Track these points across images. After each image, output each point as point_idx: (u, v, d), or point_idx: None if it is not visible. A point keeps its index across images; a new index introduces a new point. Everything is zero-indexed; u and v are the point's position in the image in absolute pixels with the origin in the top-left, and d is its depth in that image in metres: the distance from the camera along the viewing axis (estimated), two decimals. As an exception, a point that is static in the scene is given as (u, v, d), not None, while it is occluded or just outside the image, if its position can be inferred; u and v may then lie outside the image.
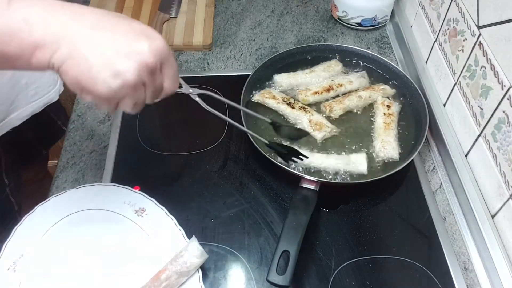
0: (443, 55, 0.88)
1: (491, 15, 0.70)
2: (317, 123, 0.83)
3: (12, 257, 0.67)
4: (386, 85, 0.92)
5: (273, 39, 1.09)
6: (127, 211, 0.71)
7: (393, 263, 0.71)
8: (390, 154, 0.80)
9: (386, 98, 0.89)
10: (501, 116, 0.68)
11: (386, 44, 1.08)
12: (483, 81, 0.73)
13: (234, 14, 1.15)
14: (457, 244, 0.75)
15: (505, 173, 0.68)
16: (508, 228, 0.68)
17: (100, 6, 1.11)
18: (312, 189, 0.73)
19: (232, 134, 0.88)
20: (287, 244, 0.65)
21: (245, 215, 0.76)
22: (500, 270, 0.67)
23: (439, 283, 0.69)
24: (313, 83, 0.92)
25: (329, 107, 0.86)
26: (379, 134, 0.84)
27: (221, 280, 0.69)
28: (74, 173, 0.82)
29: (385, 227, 0.76)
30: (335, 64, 0.95)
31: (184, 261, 0.64)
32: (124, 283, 0.66)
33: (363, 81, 0.93)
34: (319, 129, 0.83)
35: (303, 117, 0.84)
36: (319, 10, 1.16)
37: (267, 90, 0.89)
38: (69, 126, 0.90)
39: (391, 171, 0.75)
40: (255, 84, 0.91)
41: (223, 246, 0.72)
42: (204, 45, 1.04)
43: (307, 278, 0.69)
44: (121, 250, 0.69)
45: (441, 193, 0.81)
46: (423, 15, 0.97)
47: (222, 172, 0.82)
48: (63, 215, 0.71)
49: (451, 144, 0.82)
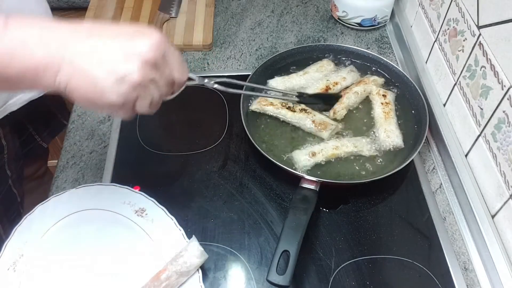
0: (443, 55, 0.88)
1: (491, 15, 0.70)
2: (321, 122, 0.84)
3: (12, 257, 0.67)
4: (375, 76, 0.94)
5: (273, 39, 1.09)
6: (127, 211, 0.71)
7: (393, 263, 0.71)
8: (395, 142, 0.82)
9: (380, 88, 0.91)
10: (501, 116, 0.68)
11: (386, 44, 1.08)
12: (483, 81, 0.73)
13: (234, 14, 1.15)
14: (457, 244, 0.75)
15: (505, 173, 0.68)
16: (508, 228, 0.68)
17: (100, 6, 1.11)
18: (312, 189, 0.73)
19: (232, 134, 0.88)
20: (287, 244, 0.65)
21: (245, 215, 0.76)
22: (500, 270, 0.67)
23: (439, 283, 0.69)
24: (309, 84, 0.91)
25: (332, 110, 0.86)
26: (381, 124, 0.85)
27: (221, 280, 0.69)
28: (74, 173, 0.82)
29: (385, 227, 0.76)
30: (327, 63, 0.95)
31: (184, 261, 0.64)
32: (124, 283, 0.66)
33: (354, 75, 0.94)
34: (325, 128, 0.83)
35: (306, 119, 0.84)
36: (319, 10, 1.16)
37: (263, 98, 0.88)
38: (69, 126, 0.90)
39: (391, 171, 0.75)
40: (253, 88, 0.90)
41: (223, 246, 0.72)
42: (204, 45, 1.04)
43: (307, 278, 0.69)
44: (121, 250, 0.69)
45: (441, 193, 0.81)
46: (423, 15, 0.97)
47: (222, 172, 0.82)
48: (63, 215, 0.71)
49: (451, 144, 0.82)
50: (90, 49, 0.48)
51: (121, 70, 0.48)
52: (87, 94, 0.48)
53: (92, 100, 0.49)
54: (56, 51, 0.47)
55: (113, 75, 0.48)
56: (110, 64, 0.48)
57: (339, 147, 0.80)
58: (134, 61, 0.48)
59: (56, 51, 0.47)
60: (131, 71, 0.48)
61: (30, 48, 0.46)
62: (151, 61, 0.49)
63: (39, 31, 0.47)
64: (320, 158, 0.79)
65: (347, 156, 0.81)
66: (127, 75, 0.48)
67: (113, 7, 1.11)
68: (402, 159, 0.80)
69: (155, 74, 0.50)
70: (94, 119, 0.91)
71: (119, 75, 0.48)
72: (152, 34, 0.50)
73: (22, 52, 0.46)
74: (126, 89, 0.48)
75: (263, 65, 0.92)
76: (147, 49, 0.49)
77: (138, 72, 0.48)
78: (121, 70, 0.48)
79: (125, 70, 0.48)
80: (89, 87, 0.48)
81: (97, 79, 0.47)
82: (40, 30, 0.47)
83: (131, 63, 0.48)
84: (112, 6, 1.11)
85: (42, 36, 0.47)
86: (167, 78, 0.53)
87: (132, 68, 0.48)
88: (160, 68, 0.51)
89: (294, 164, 0.79)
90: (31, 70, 0.47)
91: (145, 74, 0.49)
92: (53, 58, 0.47)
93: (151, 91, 0.51)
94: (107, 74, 0.47)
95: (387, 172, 0.75)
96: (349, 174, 0.79)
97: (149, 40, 0.49)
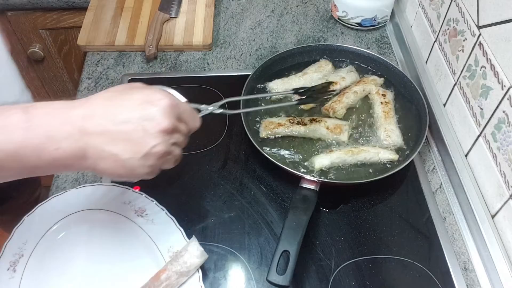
0: (443, 55, 0.88)
1: (491, 15, 0.70)
2: (335, 126, 0.84)
3: (12, 257, 0.67)
4: (374, 76, 0.94)
5: (273, 39, 1.09)
6: (127, 211, 0.71)
7: (393, 263, 0.71)
8: (395, 141, 0.82)
9: (379, 87, 0.91)
10: (501, 116, 0.68)
11: (386, 44, 1.08)
12: (483, 81, 0.73)
13: (234, 14, 1.15)
14: (457, 244, 0.75)
15: (505, 173, 0.68)
16: (508, 228, 0.68)
17: (100, 6, 1.11)
18: (312, 189, 0.73)
19: (232, 134, 0.88)
20: (287, 244, 0.65)
21: (245, 215, 0.76)
22: (500, 270, 0.67)
23: (439, 283, 0.69)
24: (308, 85, 0.91)
25: (332, 110, 0.86)
26: (381, 123, 0.85)
27: (221, 280, 0.69)
28: (74, 173, 0.82)
29: (385, 227, 0.76)
30: (325, 63, 0.95)
31: (184, 261, 0.64)
32: (124, 283, 0.66)
33: (354, 75, 0.94)
34: (340, 131, 0.83)
35: (320, 128, 0.83)
36: (319, 10, 1.16)
37: (267, 121, 0.85)
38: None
39: (391, 171, 0.75)
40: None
41: (223, 246, 0.72)
42: (204, 45, 1.04)
43: (307, 278, 0.69)
44: (121, 250, 0.69)
45: (441, 193, 0.81)
46: (423, 15, 0.97)
47: (222, 172, 0.82)
48: (63, 215, 0.71)
49: (451, 144, 0.82)
50: (109, 132, 0.50)
51: (144, 147, 0.51)
52: (116, 173, 0.52)
53: (123, 177, 0.53)
54: (79, 138, 0.49)
55: (138, 154, 0.51)
56: (132, 144, 0.51)
57: (357, 147, 0.81)
58: (153, 135, 0.51)
59: (79, 138, 0.49)
60: (154, 145, 0.51)
61: (56, 142, 0.48)
62: (169, 129, 0.52)
63: (60, 123, 0.49)
64: (337, 154, 0.79)
65: (365, 158, 0.80)
66: (151, 149, 0.51)
67: (113, 7, 1.11)
68: (402, 159, 0.80)
69: (175, 137, 0.54)
70: (94, 119, 0.91)
71: (143, 152, 0.51)
72: (160, 100, 0.52)
73: (49, 146, 0.48)
74: (153, 161, 0.52)
75: (263, 65, 0.92)
76: (162, 119, 0.51)
77: (161, 144, 0.52)
78: (145, 148, 0.51)
79: (148, 146, 0.51)
80: (117, 167, 0.51)
81: (124, 161, 0.51)
82: (61, 122, 0.49)
83: (152, 138, 0.51)
84: (112, 6, 1.11)
85: (63, 127, 0.49)
86: (185, 134, 0.57)
87: (154, 142, 0.51)
88: (178, 128, 0.54)
89: (312, 164, 0.79)
90: (59, 161, 0.49)
91: (167, 142, 0.53)
92: (78, 148, 0.49)
93: (174, 151, 0.55)
94: (133, 154, 0.51)
95: (387, 172, 0.75)
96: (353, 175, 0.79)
97: (160, 108, 0.51)
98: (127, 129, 0.50)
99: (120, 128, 0.50)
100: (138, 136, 0.50)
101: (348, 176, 0.79)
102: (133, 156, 0.51)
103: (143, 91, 0.53)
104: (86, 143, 0.49)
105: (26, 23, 1.19)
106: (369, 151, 0.80)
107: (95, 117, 0.50)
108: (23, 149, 0.47)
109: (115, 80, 0.98)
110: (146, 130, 0.50)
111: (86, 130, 0.49)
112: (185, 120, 0.56)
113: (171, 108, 0.52)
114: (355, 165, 0.80)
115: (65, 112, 0.49)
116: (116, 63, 1.02)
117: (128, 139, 0.50)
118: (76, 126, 0.49)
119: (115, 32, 1.05)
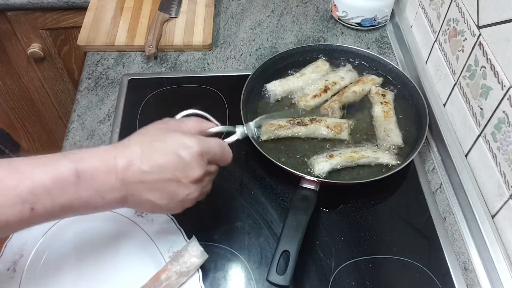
0: (443, 55, 0.88)
1: (491, 15, 0.70)
2: (335, 125, 0.83)
3: (12, 257, 0.67)
4: (373, 75, 0.93)
5: (273, 39, 1.09)
6: (127, 211, 0.71)
7: (393, 263, 0.71)
8: (394, 141, 0.82)
9: (379, 87, 0.91)
10: (501, 116, 0.68)
11: (386, 44, 1.08)
12: (483, 81, 0.73)
13: (234, 14, 1.15)
14: (457, 244, 0.75)
15: (505, 173, 0.68)
16: (508, 228, 0.68)
17: (100, 6, 1.11)
18: (312, 189, 0.73)
19: (232, 134, 0.87)
20: (287, 244, 0.65)
21: (245, 215, 0.76)
22: (500, 270, 0.67)
23: (439, 283, 0.69)
24: (306, 86, 0.91)
25: (331, 109, 0.86)
26: (380, 123, 0.85)
27: (221, 280, 0.69)
28: (74, 173, 0.82)
29: (385, 227, 0.76)
30: (322, 63, 0.95)
31: (184, 261, 0.64)
32: (124, 283, 0.66)
33: (352, 74, 0.94)
34: (341, 129, 0.83)
35: (321, 128, 0.83)
36: (319, 10, 1.16)
37: (267, 124, 0.84)
38: (69, 126, 0.90)
39: (391, 171, 0.75)
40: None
41: (223, 246, 0.72)
42: (204, 45, 1.04)
43: (307, 278, 0.69)
44: (121, 250, 0.69)
45: (441, 193, 0.81)
46: (423, 15, 0.97)
47: (222, 172, 0.82)
48: (63, 215, 0.71)
49: (451, 144, 0.82)
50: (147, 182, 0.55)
51: (179, 196, 0.57)
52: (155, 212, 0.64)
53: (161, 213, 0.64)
54: (121, 188, 0.54)
55: (174, 200, 0.57)
56: (167, 192, 0.56)
57: (358, 152, 0.80)
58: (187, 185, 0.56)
59: (121, 188, 0.54)
60: (187, 193, 0.57)
61: (102, 193, 0.53)
62: (200, 178, 0.57)
63: (105, 174, 0.53)
64: (338, 160, 0.78)
65: (364, 163, 0.79)
66: (186, 197, 0.57)
67: (113, 7, 1.11)
68: (402, 159, 0.80)
69: (207, 180, 0.60)
70: (94, 119, 0.91)
71: (178, 199, 0.57)
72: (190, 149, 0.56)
73: (96, 198, 0.53)
74: (188, 204, 0.59)
75: (263, 65, 0.92)
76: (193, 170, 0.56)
77: (194, 192, 0.58)
78: (179, 196, 0.57)
79: (182, 195, 0.57)
80: (155, 209, 0.58)
81: (161, 206, 0.57)
82: (105, 172, 0.53)
83: (185, 188, 0.57)
84: (112, 6, 1.11)
85: (108, 179, 0.53)
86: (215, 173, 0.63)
87: (188, 191, 0.57)
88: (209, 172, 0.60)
89: (312, 168, 0.78)
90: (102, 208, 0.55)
91: (199, 188, 0.58)
92: (120, 197, 0.54)
93: (207, 188, 0.62)
94: (169, 200, 0.57)
95: (387, 172, 0.75)
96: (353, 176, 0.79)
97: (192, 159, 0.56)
98: (162, 179, 0.55)
99: (155, 178, 0.55)
100: (173, 186, 0.56)
101: (348, 176, 0.79)
102: (169, 202, 0.57)
103: (175, 136, 0.57)
104: (126, 191, 0.54)
105: (26, 23, 1.19)
106: (370, 156, 0.79)
107: (133, 166, 0.54)
108: (74, 201, 0.51)
109: (115, 80, 0.98)
110: (180, 181, 0.56)
111: (127, 180, 0.54)
112: (216, 161, 0.61)
113: (202, 156, 0.57)
114: (355, 166, 0.80)
115: (109, 164, 0.53)
116: (116, 63, 1.02)
117: (163, 188, 0.55)
118: (119, 178, 0.53)
119: (115, 32, 1.05)
